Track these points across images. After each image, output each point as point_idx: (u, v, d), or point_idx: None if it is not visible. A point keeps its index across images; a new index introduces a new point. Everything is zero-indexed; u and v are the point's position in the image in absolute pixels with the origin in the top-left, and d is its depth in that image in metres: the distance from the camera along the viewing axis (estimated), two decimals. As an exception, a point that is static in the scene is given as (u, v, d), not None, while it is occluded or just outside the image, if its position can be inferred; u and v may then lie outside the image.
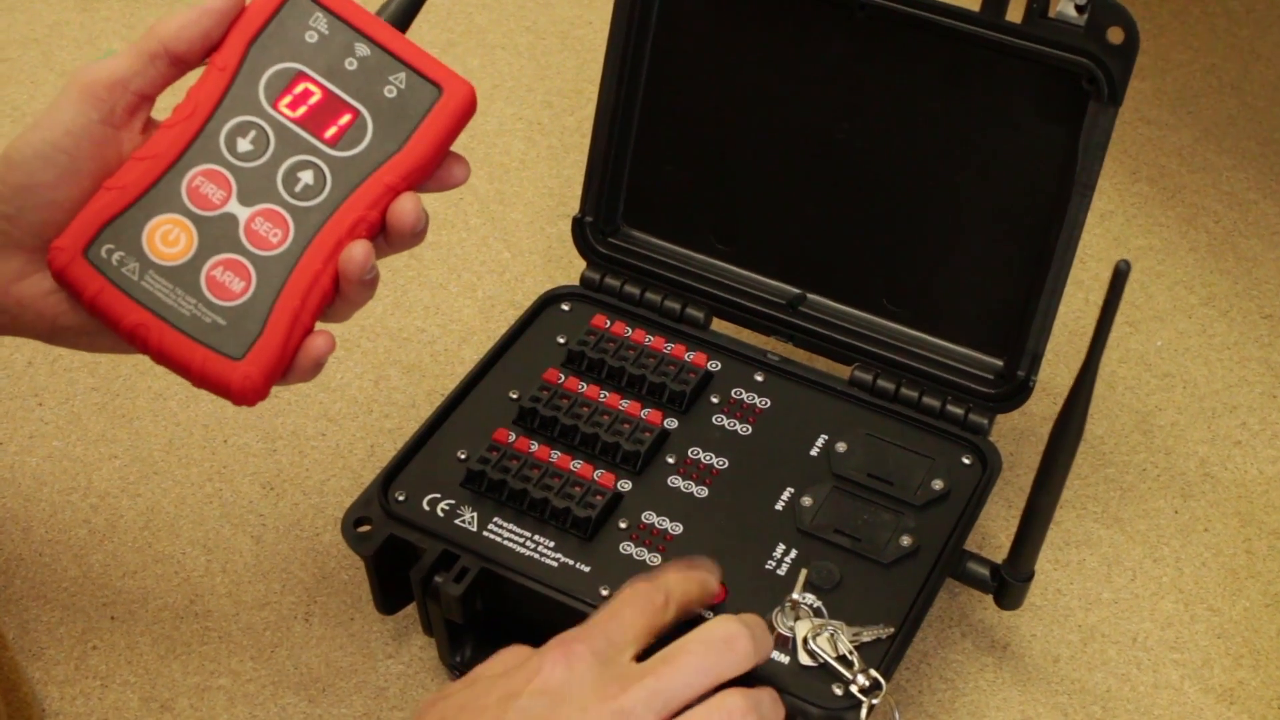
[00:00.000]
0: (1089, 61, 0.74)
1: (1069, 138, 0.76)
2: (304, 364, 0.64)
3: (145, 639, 0.81)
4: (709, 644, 0.65)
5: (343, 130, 0.64)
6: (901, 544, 0.75)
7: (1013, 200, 0.80)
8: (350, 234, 0.63)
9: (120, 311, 0.62)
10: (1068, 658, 0.81)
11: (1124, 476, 0.91)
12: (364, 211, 0.64)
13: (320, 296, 0.64)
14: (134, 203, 0.63)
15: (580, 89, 1.18)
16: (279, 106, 0.64)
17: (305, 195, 0.64)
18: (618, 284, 0.87)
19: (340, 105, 0.64)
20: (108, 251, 0.62)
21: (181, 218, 0.63)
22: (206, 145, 0.64)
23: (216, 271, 0.63)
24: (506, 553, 0.74)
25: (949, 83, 0.79)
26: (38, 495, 0.88)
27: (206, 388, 0.63)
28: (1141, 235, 1.06)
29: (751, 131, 0.85)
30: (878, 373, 0.83)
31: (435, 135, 0.64)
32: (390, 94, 0.64)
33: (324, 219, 0.63)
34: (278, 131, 0.64)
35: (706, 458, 0.79)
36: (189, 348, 0.62)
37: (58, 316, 0.65)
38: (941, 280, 0.83)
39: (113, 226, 0.62)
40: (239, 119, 0.64)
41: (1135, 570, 0.86)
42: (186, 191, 0.63)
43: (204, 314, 0.62)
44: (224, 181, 0.63)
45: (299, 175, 0.64)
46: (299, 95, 0.64)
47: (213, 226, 0.63)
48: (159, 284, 0.62)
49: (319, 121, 0.64)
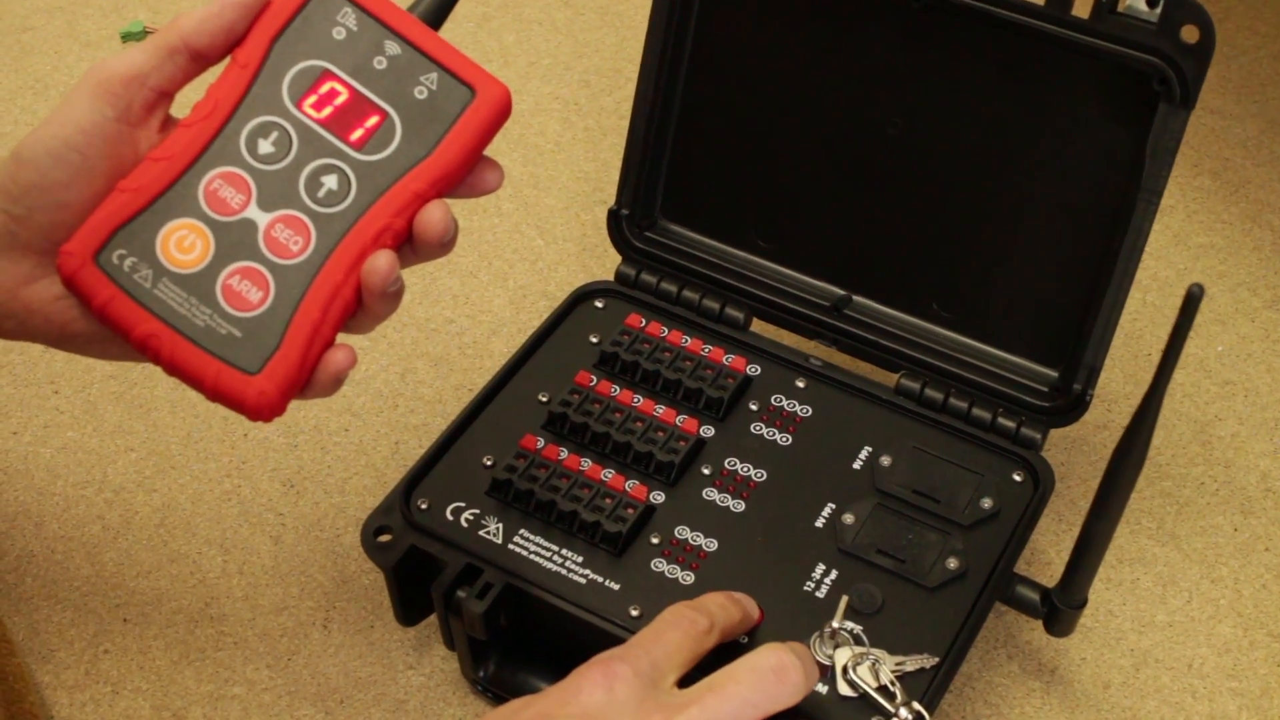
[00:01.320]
0: (1160, 61, 0.70)
1: (1136, 141, 0.72)
2: (323, 379, 0.61)
3: (158, 643, 0.78)
4: (758, 674, 0.61)
5: (370, 133, 0.61)
6: (948, 566, 0.72)
7: (1073, 204, 0.76)
8: (375, 243, 0.60)
9: (131, 321, 0.59)
10: (1119, 684, 0.78)
11: (1181, 490, 0.86)
12: (390, 219, 0.60)
13: (342, 308, 0.60)
14: (148, 206, 0.59)
15: (619, 68, 1.14)
16: (303, 107, 0.61)
17: (328, 201, 0.60)
18: (654, 280, 0.84)
19: (367, 106, 0.61)
20: (119, 257, 0.59)
21: (198, 223, 0.60)
22: (226, 146, 0.60)
23: (233, 280, 0.59)
24: (532, 567, 0.71)
25: (1008, 79, 0.75)
26: (51, 488, 0.85)
27: (220, 402, 0.60)
28: (1203, 232, 1.02)
29: (798, 123, 0.81)
30: (925, 381, 0.79)
31: (467, 140, 0.61)
32: (420, 95, 0.61)
33: (348, 226, 0.60)
34: (301, 133, 0.60)
35: (744, 469, 0.76)
36: (202, 360, 0.59)
37: (67, 323, 0.62)
38: (995, 285, 0.79)
39: (125, 231, 0.59)
40: (261, 119, 0.61)
41: (1191, 591, 0.82)
42: (204, 195, 0.60)
43: (219, 325, 0.59)
44: (243, 185, 0.60)
45: (322, 180, 0.60)
46: (324, 95, 0.61)
47: (230, 233, 0.60)
48: (172, 292, 0.59)
49: (345, 123, 0.61)
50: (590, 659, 0.61)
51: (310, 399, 0.61)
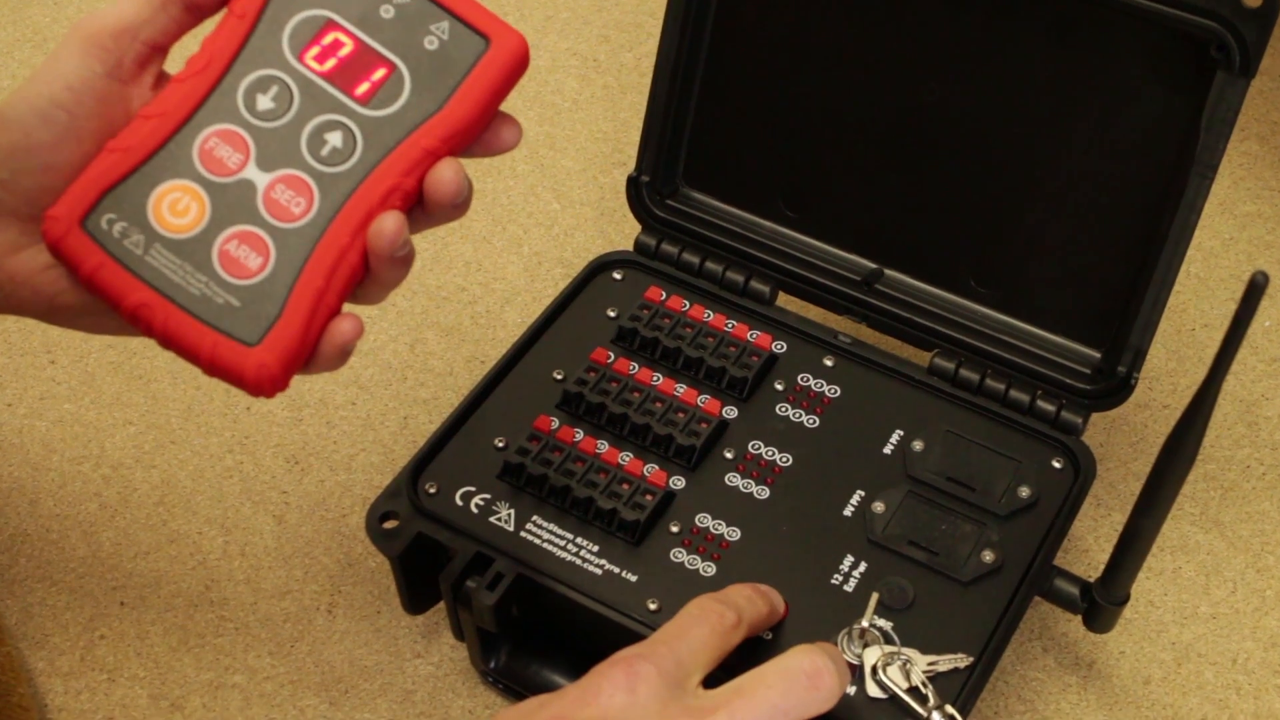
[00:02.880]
0: (1219, 26, 0.65)
1: (1191, 111, 0.68)
2: (329, 351, 0.57)
3: (156, 629, 0.75)
4: (790, 677, 0.58)
5: (376, 86, 0.56)
6: (983, 559, 0.68)
7: (1122, 176, 0.71)
8: (383, 204, 0.56)
9: (121, 290, 0.55)
10: (1160, 679, 0.74)
11: (1225, 474, 0.83)
12: (398, 179, 0.56)
13: (348, 275, 0.56)
14: (139, 166, 0.55)
15: (640, 22, 1.09)
16: (305, 59, 0.56)
17: (332, 160, 0.56)
18: (675, 251, 0.80)
19: (374, 58, 0.57)
20: (109, 222, 0.55)
21: (192, 184, 0.55)
22: (222, 102, 0.56)
23: (230, 245, 0.55)
24: (545, 557, 0.68)
25: (1055, 43, 0.70)
26: (47, 464, 0.82)
27: (218, 376, 0.56)
28: (1250, 200, 0.97)
29: (828, 87, 0.77)
30: (960, 361, 0.75)
31: (480, 93, 0.57)
32: (431, 46, 0.57)
33: (353, 187, 0.56)
34: (303, 87, 0.56)
35: (769, 453, 0.72)
36: (198, 332, 0.55)
37: (56, 294, 0.57)
38: (1036, 260, 0.75)
39: (115, 193, 0.55)
40: (259, 73, 0.56)
41: (1236, 582, 0.78)
42: (199, 154, 0.56)
43: (216, 294, 0.55)
44: (241, 143, 0.56)
45: (326, 137, 0.56)
46: (327, 46, 0.57)
47: (227, 194, 0.55)
48: (165, 259, 0.55)
49: (349, 76, 0.56)
50: (611, 656, 0.58)
51: (315, 373, 0.57)
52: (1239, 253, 0.94)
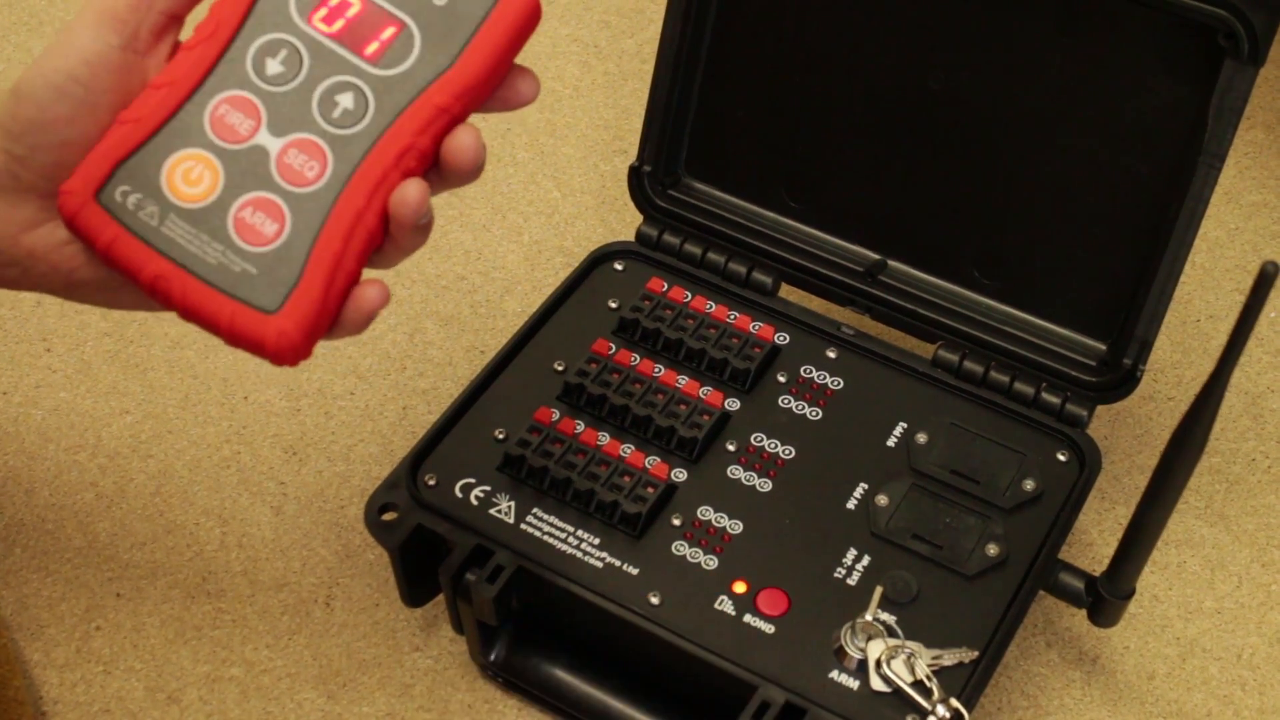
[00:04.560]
0: (1227, 14, 0.65)
1: (1198, 99, 0.67)
2: (352, 317, 0.56)
3: (153, 620, 0.74)
4: None
5: (386, 45, 0.55)
6: (988, 553, 0.67)
7: (1128, 166, 0.71)
8: (398, 164, 0.55)
9: (138, 262, 0.54)
10: (1164, 674, 0.73)
11: (1230, 467, 0.82)
12: (412, 138, 0.55)
13: (365, 238, 0.55)
14: (151, 137, 0.54)
15: (642, 8, 1.08)
16: (312, 21, 0.55)
17: (345, 122, 0.55)
18: (677, 242, 0.79)
19: (382, 16, 0.56)
20: (123, 194, 0.54)
21: (205, 152, 0.55)
22: (231, 68, 0.55)
23: (245, 213, 0.54)
24: (546, 549, 0.67)
25: (1062, 31, 0.70)
26: (42, 453, 0.81)
27: (240, 346, 0.55)
28: (1255, 190, 0.97)
29: (833, 74, 0.76)
30: (965, 353, 0.74)
31: (492, 47, 0.55)
32: (440, 2, 0.55)
33: (367, 148, 0.55)
34: (312, 49, 0.55)
35: (771, 446, 0.71)
36: (217, 301, 0.54)
37: (73, 270, 0.57)
38: (1041, 251, 0.74)
39: (127, 165, 0.54)
40: (267, 37, 0.55)
41: (1242, 576, 0.77)
42: (210, 122, 0.55)
43: (233, 262, 0.54)
44: (252, 109, 0.55)
45: (337, 99, 0.55)
46: (335, 7, 0.56)
47: (240, 161, 0.55)
48: (181, 229, 0.54)
49: (358, 36, 0.55)
50: None
51: (339, 339, 0.56)
52: (1245, 243, 0.93)
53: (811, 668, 0.64)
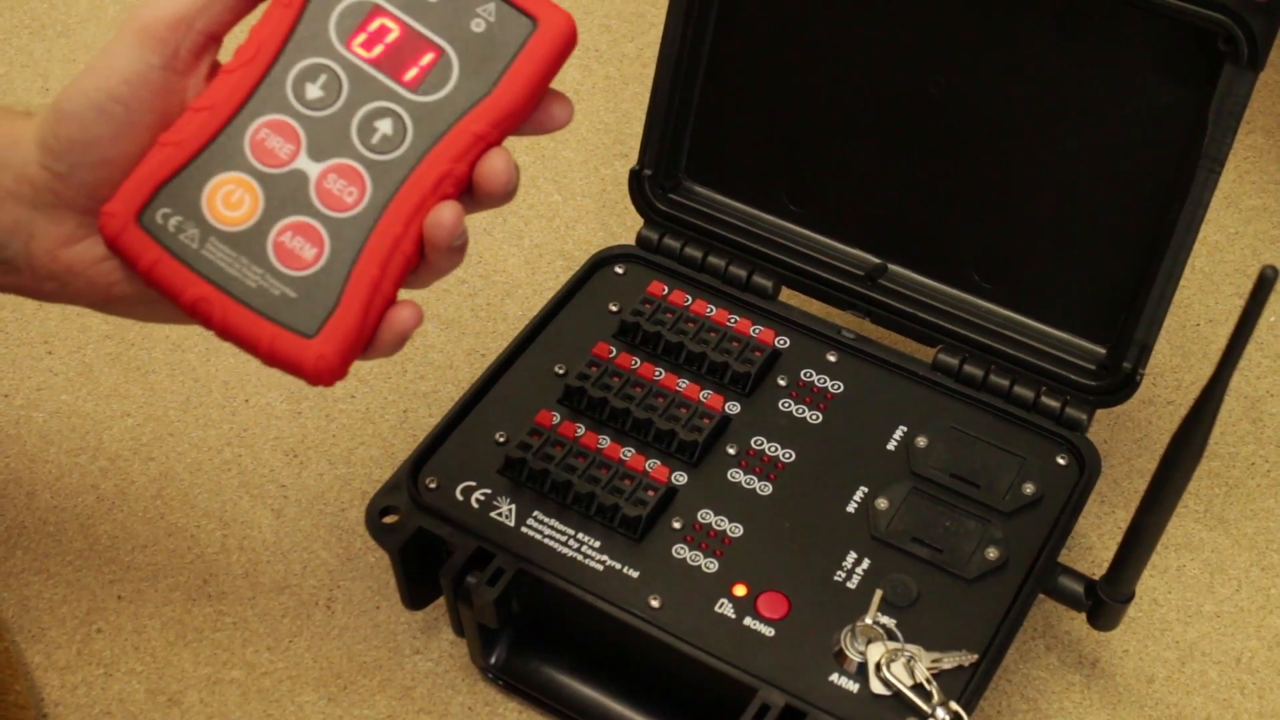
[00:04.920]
0: (1227, 19, 0.65)
1: (1198, 104, 0.67)
2: (386, 338, 0.56)
3: (154, 623, 0.74)
4: None
5: (424, 72, 0.56)
6: (987, 556, 0.68)
7: (1128, 170, 0.71)
8: (435, 191, 0.55)
9: (179, 284, 0.55)
10: (1163, 678, 0.74)
11: (1230, 471, 0.82)
12: (450, 165, 0.55)
13: (403, 262, 0.55)
14: (192, 160, 0.55)
15: (642, 12, 1.08)
16: (352, 46, 0.56)
17: (383, 147, 0.55)
18: (678, 245, 0.79)
19: (421, 43, 0.56)
20: (164, 216, 0.55)
21: (245, 176, 0.55)
22: (272, 92, 0.56)
23: (285, 237, 0.55)
24: (546, 552, 0.67)
25: (1061, 34, 0.70)
26: (44, 456, 0.81)
27: (277, 367, 0.56)
28: (1255, 194, 0.97)
29: (832, 79, 0.76)
30: (965, 356, 0.75)
31: (529, 75, 0.56)
32: (478, 28, 0.56)
33: (405, 174, 0.55)
34: (351, 75, 0.56)
35: (771, 449, 0.71)
36: (256, 324, 0.55)
37: (111, 285, 0.58)
38: (1041, 255, 0.74)
39: (169, 188, 0.55)
40: (307, 61, 0.56)
41: (1241, 580, 0.77)
42: (250, 146, 0.55)
43: (272, 285, 0.55)
44: (292, 134, 0.55)
45: (376, 125, 0.56)
46: (374, 33, 0.56)
47: (280, 185, 0.55)
48: (221, 252, 0.55)
49: (397, 62, 0.56)
50: None
51: (373, 359, 0.57)
52: (1244, 247, 0.94)
53: (811, 671, 0.64)
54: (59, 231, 0.57)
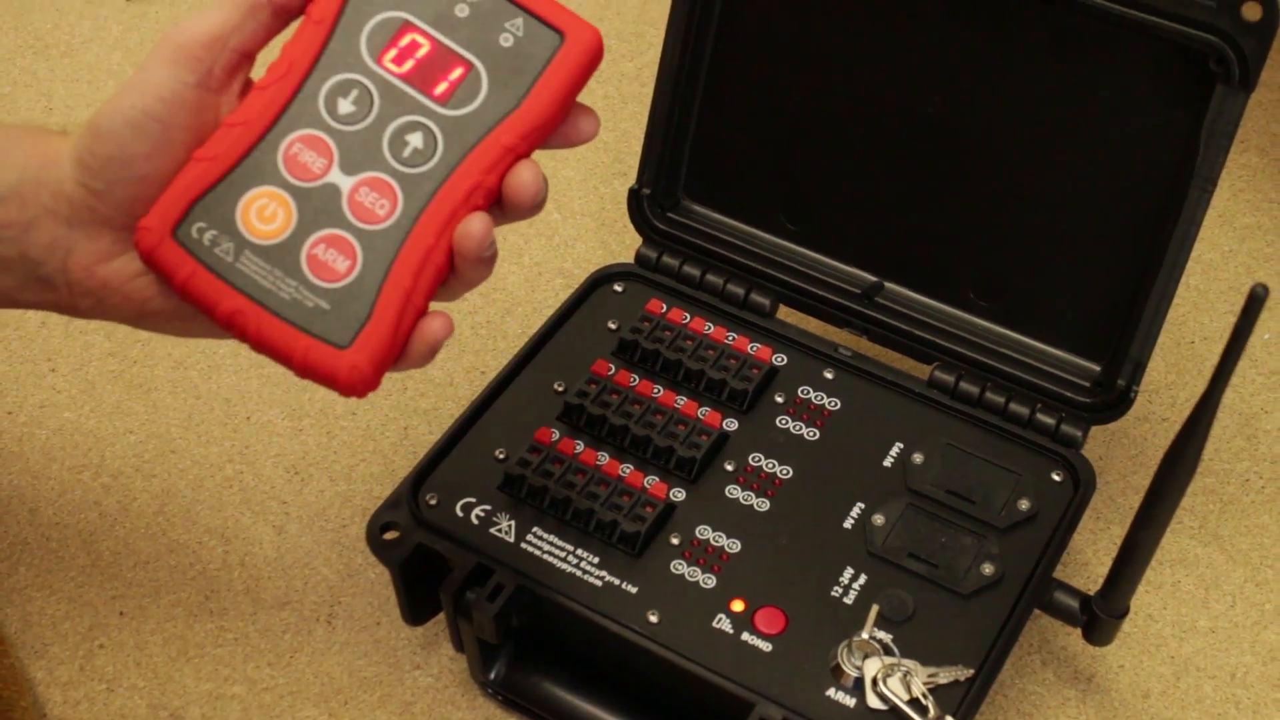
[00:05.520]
0: (1218, 40, 0.66)
1: (1190, 124, 0.68)
2: (418, 349, 0.57)
3: (156, 639, 0.75)
4: None
5: (454, 86, 0.57)
6: (983, 572, 0.68)
7: (1121, 189, 0.72)
8: (466, 202, 0.56)
9: (215, 297, 0.56)
10: (1159, 693, 0.74)
11: (1225, 487, 0.83)
12: (480, 177, 0.56)
13: (434, 274, 0.56)
14: (226, 175, 0.56)
15: (641, 32, 1.09)
16: (383, 61, 0.57)
17: (414, 161, 0.56)
18: (676, 264, 0.80)
19: (451, 58, 0.57)
20: (199, 230, 0.56)
21: (279, 190, 0.56)
22: (304, 108, 0.57)
23: (318, 250, 0.56)
24: (546, 568, 0.68)
25: (1056, 56, 0.71)
26: (47, 472, 0.82)
27: (311, 378, 0.56)
28: (1249, 213, 0.98)
29: (829, 100, 0.77)
30: (960, 374, 0.75)
31: (557, 88, 0.57)
32: (506, 43, 0.57)
33: (436, 187, 0.56)
34: (382, 90, 0.57)
35: (769, 466, 0.72)
36: (290, 336, 0.55)
37: (146, 300, 0.58)
38: (1036, 273, 0.75)
39: (204, 202, 0.56)
40: (339, 77, 0.57)
41: (1236, 595, 0.78)
42: (283, 160, 0.56)
43: (306, 297, 0.56)
44: (324, 148, 0.56)
45: (407, 138, 0.57)
46: (405, 48, 0.57)
47: (313, 199, 0.56)
48: (256, 265, 0.56)
49: (428, 77, 0.57)
50: None
51: (405, 370, 0.58)
52: (1239, 265, 0.94)
53: (808, 685, 0.64)
54: (96, 248, 0.57)
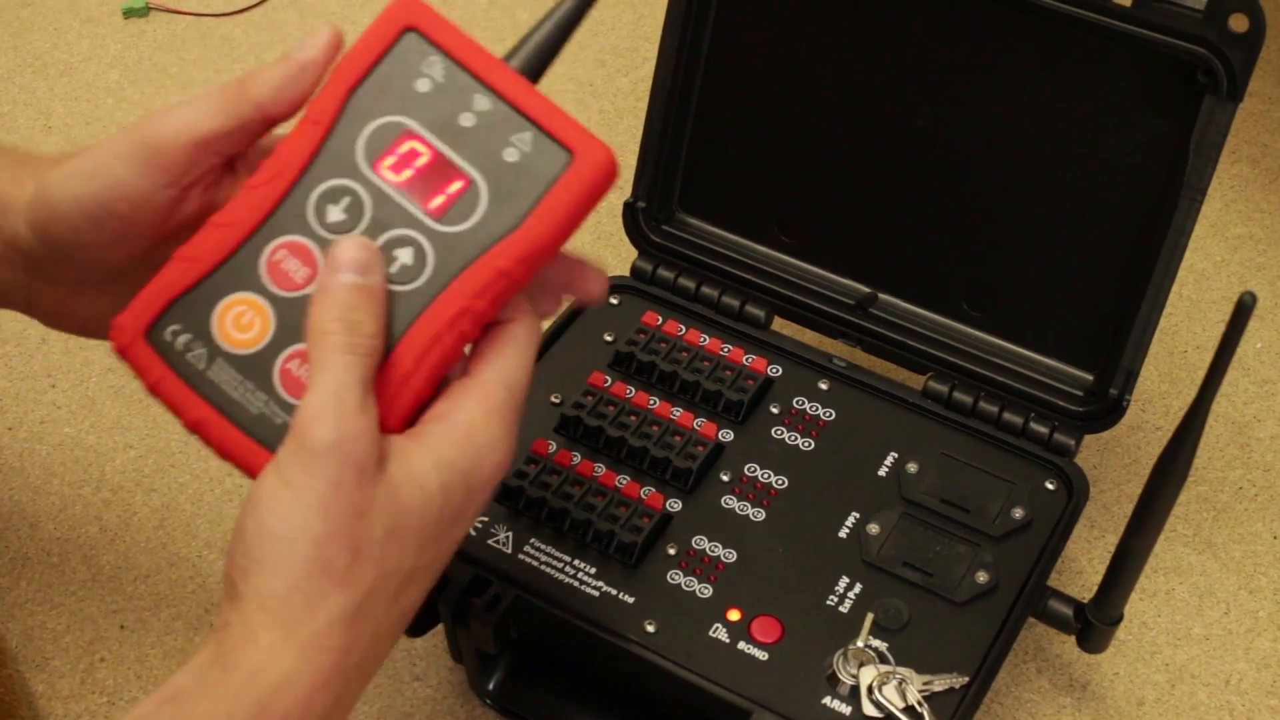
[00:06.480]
0: (1206, 51, 0.66)
1: (1179, 134, 0.69)
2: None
3: (156, 652, 0.75)
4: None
5: (451, 200, 0.53)
6: (977, 580, 0.69)
7: (1112, 200, 0.72)
8: (451, 328, 0.53)
9: (182, 404, 0.53)
10: (1153, 700, 0.75)
11: (1218, 496, 0.83)
12: (469, 301, 0.53)
13: (412, 399, 0.53)
14: (206, 277, 0.53)
15: (636, 47, 1.10)
16: (379, 169, 0.54)
17: (401, 278, 0.53)
18: (671, 276, 0.80)
19: (450, 170, 0.54)
20: (173, 334, 0.53)
21: (258, 298, 0.53)
22: (292, 212, 0.54)
23: (293, 365, 0.53)
24: (543, 579, 0.68)
25: (1046, 69, 0.71)
26: (47, 487, 0.82)
27: None
28: (1240, 222, 0.98)
29: (822, 113, 0.78)
30: (954, 384, 0.76)
31: (561, 212, 0.53)
32: (511, 158, 0.53)
33: (421, 308, 0.53)
34: (375, 199, 0.54)
35: (764, 476, 0.73)
36: (253, 453, 0.53)
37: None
38: (1028, 284, 0.76)
39: (181, 303, 0.53)
40: (331, 182, 0.54)
41: (1229, 603, 0.78)
42: (266, 267, 0.53)
43: (275, 413, 0.53)
44: (309, 257, 0.53)
45: (396, 253, 0.53)
46: (404, 156, 0.54)
47: (293, 310, 0.53)
48: (227, 374, 0.53)
49: (424, 188, 0.54)
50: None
51: None
52: (1231, 275, 0.95)
53: (804, 694, 0.65)
54: (57, 293, 0.56)
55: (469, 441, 0.52)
